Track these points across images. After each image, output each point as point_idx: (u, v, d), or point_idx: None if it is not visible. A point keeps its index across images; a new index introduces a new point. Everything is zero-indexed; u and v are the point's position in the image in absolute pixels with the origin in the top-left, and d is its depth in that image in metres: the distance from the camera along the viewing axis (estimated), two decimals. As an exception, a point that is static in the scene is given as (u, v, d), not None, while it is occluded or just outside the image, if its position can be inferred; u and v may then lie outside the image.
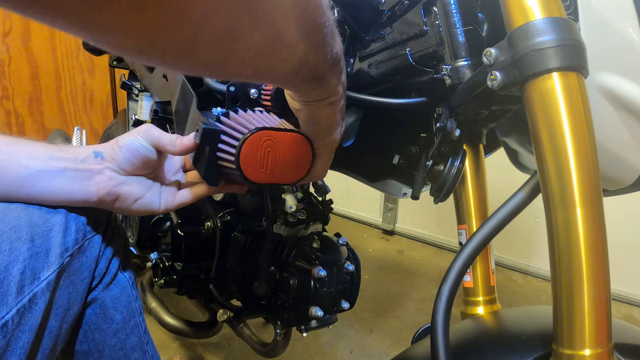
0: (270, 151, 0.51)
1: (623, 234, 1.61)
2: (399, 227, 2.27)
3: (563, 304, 0.41)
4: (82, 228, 0.56)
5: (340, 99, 0.49)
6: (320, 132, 0.52)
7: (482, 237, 0.48)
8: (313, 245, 0.77)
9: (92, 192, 0.54)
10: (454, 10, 0.50)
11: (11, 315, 0.46)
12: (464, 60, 0.50)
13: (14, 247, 0.48)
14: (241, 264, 0.84)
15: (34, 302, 0.48)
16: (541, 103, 0.40)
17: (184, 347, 1.41)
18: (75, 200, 0.54)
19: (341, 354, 1.42)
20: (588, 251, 0.39)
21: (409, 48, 0.55)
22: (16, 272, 0.47)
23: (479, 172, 0.62)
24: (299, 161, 0.53)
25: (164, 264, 0.93)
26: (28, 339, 0.48)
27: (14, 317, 0.46)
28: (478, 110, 0.54)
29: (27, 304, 0.48)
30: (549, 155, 0.41)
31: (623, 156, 0.48)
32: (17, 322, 0.47)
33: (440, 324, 0.46)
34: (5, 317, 0.46)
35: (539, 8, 0.40)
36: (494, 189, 0.69)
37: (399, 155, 0.71)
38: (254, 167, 0.50)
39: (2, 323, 0.45)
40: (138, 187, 0.58)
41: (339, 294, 0.78)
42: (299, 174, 0.54)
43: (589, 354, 0.40)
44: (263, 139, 0.50)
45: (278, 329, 0.88)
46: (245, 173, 0.50)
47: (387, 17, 0.57)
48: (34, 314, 0.49)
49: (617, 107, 0.46)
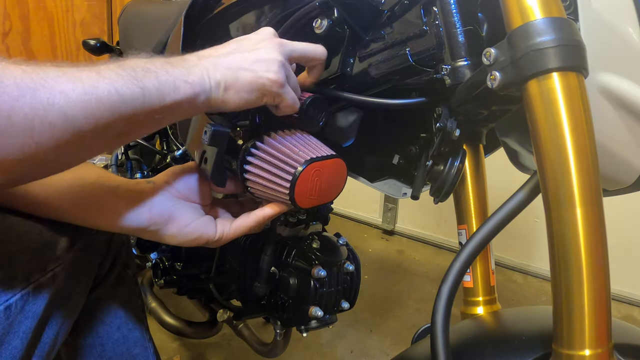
0: (318, 179, 0.54)
1: (623, 234, 1.61)
2: (399, 227, 2.27)
3: (563, 304, 0.41)
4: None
5: (202, 81, 0.46)
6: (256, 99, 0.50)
7: (482, 237, 0.48)
8: (313, 245, 0.77)
9: (143, 212, 0.52)
10: (454, 10, 0.50)
11: (15, 299, 0.47)
12: (463, 60, 0.50)
13: (23, 237, 0.49)
14: (241, 264, 0.84)
15: (38, 291, 0.49)
16: (541, 103, 0.40)
17: (184, 347, 1.41)
18: (122, 221, 0.51)
19: (341, 354, 1.42)
20: (588, 251, 0.39)
21: (408, 48, 0.54)
22: (23, 260, 0.48)
23: (479, 172, 0.62)
24: (338, 181, 0.57)
25: (164, 264, 0.93)
26: (30, 325, 0.49)
27: (17, 301, 0.47)
28: (478, 110, 0.54)
29: (32, 292, 0.49)
30: (549, 155, 0.41)
31: (623, 156, 0.48)
32: (21, 307, 0.48)
33: (440, 324, 0.46)
34: (10, 300, 0.47)
35: (538, 8, 0.40)
36: (494, 189, 0.69)
37: (399, 155, 0.71)
38: (306, 196, 0.54)
39: (6, 305, 0.46)
40: (192, 211, 0.55)
41: (339, 294, 0.78)
42: (337, 192, 0.58)
43: (588, 354, 0.40)
44: (314, 169, 0.53)
45: (278, 329, 0.88)
46: (298, 203, 0.53)
47: (387, 17, 0.57)
48: (37, 302, 0.49)
49: (617, 107, 0.46)
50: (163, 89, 0.42)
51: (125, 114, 0.40)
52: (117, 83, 0.39)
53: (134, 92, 0.40)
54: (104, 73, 0.39)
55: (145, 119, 0.42)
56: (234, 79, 0.47)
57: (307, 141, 0.57)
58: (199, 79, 0.45)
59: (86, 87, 0.37)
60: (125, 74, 0.40)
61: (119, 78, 0.39)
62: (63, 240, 0.52)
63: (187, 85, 0.44)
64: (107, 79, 0.39)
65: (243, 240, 0.86)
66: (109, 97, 0.38)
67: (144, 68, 0.42)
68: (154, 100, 0.42)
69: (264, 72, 0.48)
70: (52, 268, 0.51)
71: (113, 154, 1.17)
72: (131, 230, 0.52)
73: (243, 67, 0.48)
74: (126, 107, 0.39)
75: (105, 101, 0.38)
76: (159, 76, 0.42)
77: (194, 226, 0.54)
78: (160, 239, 0.54)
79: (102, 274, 0.65)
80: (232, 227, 0.56)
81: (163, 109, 0.43)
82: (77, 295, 0.58)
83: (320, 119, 0.58)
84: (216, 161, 0.53)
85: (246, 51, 0.49)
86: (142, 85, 0.41)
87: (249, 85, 0.48)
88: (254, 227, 0.57)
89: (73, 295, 0.57)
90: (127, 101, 0.39)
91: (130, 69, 0.41)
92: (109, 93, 0.38)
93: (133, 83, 0.40)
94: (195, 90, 0.45)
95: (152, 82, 0.42)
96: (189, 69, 0.45)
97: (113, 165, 1.13)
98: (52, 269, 0.51)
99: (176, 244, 0.54)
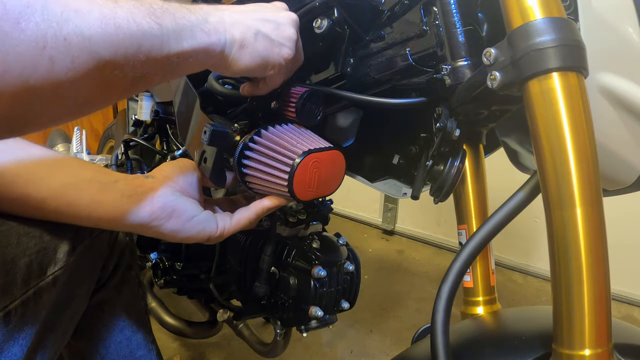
0: (316, 171, 0.54)
1: (623, 233, 1.61)
2: (399, 227, 2.27)
3: (563, 304, 0.41)
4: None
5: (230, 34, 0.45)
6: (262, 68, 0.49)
7: (482, 237, 0.48)
8: (313, 245, 0.77)
9: (144, 206, 0.50)
10: (454, 10, 0.50)
11: (15, 305, 0.46)
12: (463, 60, 0.50)
13: (22, 241, 0.47)
14: (241, 264, 0.84)
15: (39, 296, 0.48)
16: (541, 103, 0.40)
17: (184, 347, 1.41)
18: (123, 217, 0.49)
19: (341, 354, 1.42)
20: (588, 251, 0.39)
21: (408, 48, 0.54)
22: (22, 265, 0.47)
23: (479, 172, 0.62)
24: (336, 174, 0.57)
25: (164, 264, 0.93)
26: (31, 331, 0.48)
27: (17, 307, 0.46)
28: (478, 110, 0.54)
29: (32, 297, 0.48)
30: (549, 155, 0.41)
31: (623, 156, 0.48)
32: (21, 314, 0.47)
33: (440, 324, 0.46)
34: (9, 307, 0.46)
35: (538, 8, 0.40)
36: (494, 189, 0.69)
37: (399, 155, 0.71)
38: (304, 187, 0.53)
39: (6, 312, 0.45)
40: (193, 206, 0.54)
41: (339, 294, 0.78)
42: (335, 185, 0.58)
43: (588, 354, 0.40)
44: (312, 161, 0.53)
45: (278, 329, 0.88)
46: (297, 194, 0.53)
47: (387, 17, 0.57)
48: (38, 307, 0.49)
49: (617, 107, 0.46)
50: (181, 32, 0.40)
51: (144, 48, 0.37)
52: (136, 15, 0.37)
53: (153, 27, 0.38)
54: (121, 3, 0.37)
55: (163, 61, 0.40)
56: (252, 39, 0.46)
57: (304, 134, 0.57)
58: (215, 30, 0.44)
59: (104, 10, 0.35)
60: (144, 9, 0.38)
61: (137, 11, 0.37)
62: (64, 243, 0.51)
63: (203, 34, 0.43)
64: (125, 9, 0.36)
65: (243, 240, 0.86)
66: (128, 26, 0.36)
67: (162, 7, 0.40)
68: (172, 42, 0.40)
69: (280, 44, 0.48)
70: (52, 272, 0.50)
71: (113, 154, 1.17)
72: (133, 227, 0.51)
73: (262, 33, 0.47)
74: (145, 42, 0.37)
75: (125, 29, 0.36)
76: (177, 19, 0.40)
77: (196, 221, 0.53)
78: (163, 236, 0.52)
79: (105, 276, 0.64)
80: (232, 221, 0.56)
81: (180, 53, 0.41)
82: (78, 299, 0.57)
83: (317, 113, 0.58)
84: (216, 161, 0.53)
85: (268, 16, 0.49)
86: (161, 22, 0.39)
87: (265, 52, 0.47)
88: (254, 219, 0.57)
89: (75, 299, 0.56)
90: (147, 35, 0.37)
91: (148, 5, 0.39)
92: (128, 22, 0.36)
93: (152, 19, 0.38)
94: (211, 40, 0.43)
95: (171, 22, 0.40)
96: (206, 18, 0.44)
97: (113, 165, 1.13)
98: (53, 273, 0.50)
99: (178, 240, 0.53)
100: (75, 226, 0.52)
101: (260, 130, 0.55)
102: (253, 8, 0.50)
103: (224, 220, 0.56)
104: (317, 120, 0.59)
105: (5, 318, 0.45)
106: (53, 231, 0.50)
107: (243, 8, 0.49)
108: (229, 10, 0.47)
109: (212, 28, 0.44)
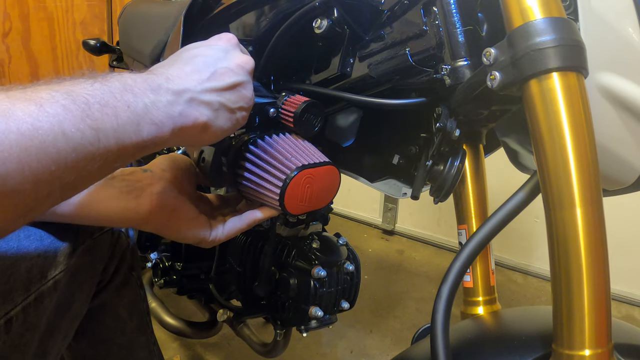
0: (309, 186, 0.53)
1: (623, 234, 1.61)
2: (399, 227, 2.27)
3: (563, 304, 0.41)
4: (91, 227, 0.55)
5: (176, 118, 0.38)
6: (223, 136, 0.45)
7: (482, 237, 0.48)
8: (313, 245, 0.77)
9: (144, 203, 0.48)
10: (454, 10, 0.50)
11: (16, 312, 0.45)
12: (463, 60, 0.50)
13: (22, 245, 0.47)
14: (241, 264, 0.84)
15: (40, 301, 0.48)
16: (541, 103, 0.40)
17: (184, 347, 1.41)
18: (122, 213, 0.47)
19: (341, 354, 1.42)
20: (588, 251, 0.39)
21: (408, 48, 0.54)
22: (23, 269, 0.47)
23: (479, 172, 0.62)
24: (330, 187, 0.56)
25: (164, 264, 0.93)
26: (32, 337, 0.48)
27: (18, 314, 0.46)
28: (478, 110, 0.54)
29: (33, 302, 0.47)
30: (549, 155, 0.41)
31: (623, 156, 0.48)
32: (22, 320, 0.46)
33: (440, 324, 0.46)
34: (10, 314, 0.45)
35: (538, 8, 0.40)
36: (494, 189, 0.69)
37: (399, 155, 0.71)
38: (296, 202, 0.53)
39: (7, 319, 0.45)
40: (192, 206, 0.52)
41: (339, 294, 0.78)
42: (328, 199, 0.57)
43: (588, 354, 0.40)
44: (304, 177, 0.52)
45: (278, 329, 0.88)
46: (288, 209, 0.52)
47: (386, 17, 0.57)
48: (39, 312, 0.48)
49: (617, 107, 0.46)
50: (124, 129, 0.34)
51: (72, 163, 0.30)
52: (65, 124, 0.30)
53: (86, 136, 0.31)
54: (47, 106, 0.29)
55: (95, 171, 0.33)
56: (214, 118, 0.41)
57: (300, 146, 0.56)
58: (168, 116, 0.37)
59: (23, 128, 0.27)
60: (76, 108, 0.31)
61: (68, 116, 0.30)
62: (64, 245, 0.50)
63: (152, 126, 0.36)
64: (51, 116, 0.29)
65: (243, 240, 0.86)
66: (55, 143, 0.29)
67: (100, 100, 0.33)
68: (111, 144, 0.33)
69: (239, 109, 0.44)
70: (53, 276, 0.49)
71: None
72: (132, 224, 0.50)
73: (223, 107, 0.42)
74: (76, 155, 0.31)
75: (49, 149, 0.29)
76: (119, 113, 0.33)
77: (194, 224, 0.52)
78: (160, 232, 0.51)
79: (106, 277, 0.63)
80: (225, 230, 0.55)
81: (121, 153, 0.34)
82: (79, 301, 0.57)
83: (315, 124, 0.58)
84: (214, 161, 0.53)
85: (226, 81, 0.43)
86: (98, 126, 0.32)
87: (225, 124, 0.43)
88: (245, 229, 0.56)
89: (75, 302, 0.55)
90: (78, 148, 0.30)
91: (83, 100, 0.32)
92: (55, 138, 0.29)
93: (86, 123, 0.31)
94: (162, 131, 0.37)
95: (111, 122, 0.33)
96: (156, 101, 0.37)
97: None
98: (54, 277, 0.49)
99: (174, 238, 0.52)
100: (76, 227, 0.52)
101: (257, 139, 0.55)
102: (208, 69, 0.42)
103: (217, 230, 0.55)
104: (315, 131, 0.58)
105: (6, 325, 0.45)
106: (53, 233, 0.50)
107: (199, 76, 0.42)
108: (181, 78, 0.40)
109: (164, 115, 0.37)
